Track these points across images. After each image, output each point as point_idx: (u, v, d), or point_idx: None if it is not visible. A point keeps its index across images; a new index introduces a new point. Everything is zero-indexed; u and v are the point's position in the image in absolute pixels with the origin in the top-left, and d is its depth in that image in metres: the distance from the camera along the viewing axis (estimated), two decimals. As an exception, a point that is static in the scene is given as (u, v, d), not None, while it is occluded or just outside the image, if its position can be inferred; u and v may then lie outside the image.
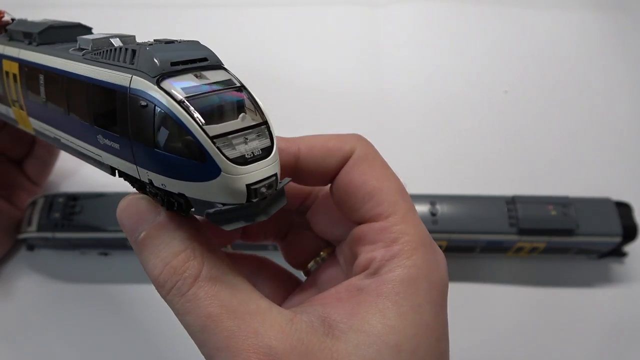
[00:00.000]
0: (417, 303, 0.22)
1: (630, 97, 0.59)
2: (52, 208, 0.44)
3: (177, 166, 0.21)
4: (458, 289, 0.46)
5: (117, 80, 0.22)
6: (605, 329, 0.44)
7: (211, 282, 0.22)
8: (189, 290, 0.21)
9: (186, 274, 0.22)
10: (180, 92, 0.20)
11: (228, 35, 0.64)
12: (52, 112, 0.28)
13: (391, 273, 0.23)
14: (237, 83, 0.22)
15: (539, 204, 0.43)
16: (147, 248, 0.23)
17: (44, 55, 0.28)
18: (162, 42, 0.22)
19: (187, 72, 0.21)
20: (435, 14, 0.66)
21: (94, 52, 0.24)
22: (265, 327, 0.21)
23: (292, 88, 0.59)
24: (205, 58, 0.22)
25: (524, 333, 0.44)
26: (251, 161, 0.21)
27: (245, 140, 0.21)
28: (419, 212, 0.43)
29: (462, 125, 0.56)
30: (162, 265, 0.22)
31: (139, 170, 0.23)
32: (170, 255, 0.22)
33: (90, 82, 0.24)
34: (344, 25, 0.65)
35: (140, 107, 0.20)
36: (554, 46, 0.63)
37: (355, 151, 0.26)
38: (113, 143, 0.23)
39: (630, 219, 0.44)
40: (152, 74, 0.20)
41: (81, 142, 0.27)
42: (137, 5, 0.67)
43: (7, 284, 0.46)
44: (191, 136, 0.20)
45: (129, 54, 0.22)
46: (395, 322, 0.21)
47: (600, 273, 0.46)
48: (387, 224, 0.24)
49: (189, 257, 0.22)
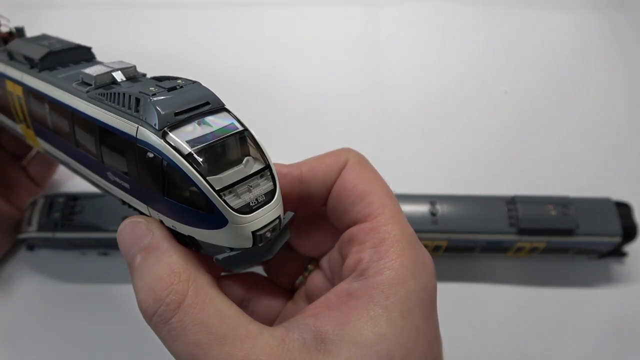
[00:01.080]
0: (406, 307, 0.22)
1: (629, 97, 0.59)
2: (52, 208, 0.44)
3: (186, 214, 0.21)
4: (458, 289, 0.46)
5: (124, 128, 0.22)
6: (605, 329, 0.43)
7: (198, 308, 0.21)
8: (172, 317, 0.21)
9: (168, 299, 0.21)
10: (185, 146, 0.21)
11: (223, 36, 0.64)
12: (61, 141, 0.29)
13: (379, 276, 0.23)
14: (240, 126, 0.23)
15: (539, 204, 0.43)
16: (135, 272, 0.23)
17: (48, 85, 0.28)
18: (164, 88, 0.23)
19: (191, 121, 0.22)
20: (434, 14, 0.66)
21: (98, 88, 0.25)
22: (256, 352, 0.20)
23: (290, 89, 0.59)
24: (207, 102, 0.23)
25: (524, 333, 0.44)
26: (256, 208, 0.22)
27: (249, 189, 0.22)
28: (419, 212, 0.43)
29: (462, 125, 0.56)
30: (145, 290, 0.22)
31: (150, 210, 0.24)
32: (153, 280, 0.22)
33: (98, 124, 0.24)
34: (343, 25, 0.65)
35: (147, 157, 0.21)
36: (554, 46, 0.63)
37: (349, 161, 0.27)
38: (123, 182, 0.24)
39: (630, 219, 0.43)
40: (158, 127, 0.21)
41: (91, 172, 0.27)
42: (134, 5, 0.67)
43: (7, 284, 0.46)
44: (198, 189, 0.20)
45: (133, 102, 0.22)
46: (386, 331, 0.21)
47: (600, 273, 0.46)
48: (376, 224, 0.25)
49: (172, 282, 0.21)
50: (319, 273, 0.29)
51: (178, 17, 0.67)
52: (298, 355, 0.21)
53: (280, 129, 0.55)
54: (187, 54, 0.62)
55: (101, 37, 0.64)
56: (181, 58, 0.61)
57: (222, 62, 0.61)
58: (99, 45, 0.33)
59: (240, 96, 0.60)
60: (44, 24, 0.64)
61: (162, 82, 0.23)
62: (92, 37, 0.63)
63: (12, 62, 0.32)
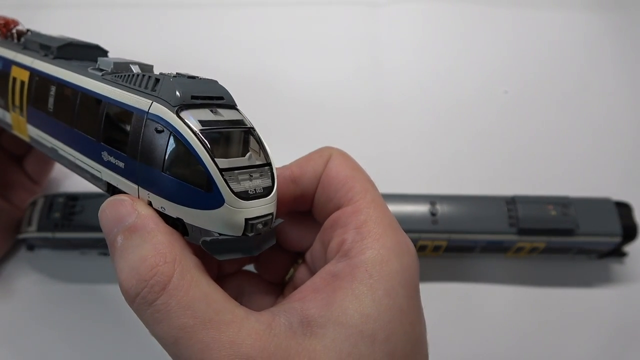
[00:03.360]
0: (390, 286, 0.22)
1: (629, 97, 0.58)
2: (52, 208, 0.44)
3: (182, 192, 0.22)
4: (458, 289, 0.46)
5: (137, 104, 0.23)
6: (605, 329, 0.44)
7: (184, 291, 0.20)
8: (156, 299, 0.20)
9: (153, 281, 0.20)
10: (197, 124, 0.21)
11: (222, 36, 0.64)
12: (56, 124, 0.29)
13: (362, 255, 0.23)
14: (248, 124, 0.24)
15: (539, 204, 0.43)
16: (117, 251, 0.22)
17: (60, 69, 0.29)
18: (184, 76, 0.24)
19: (205, 107, 0.22)
20: (434, 13, 0.66)
21: (114, 74, 0.25)
22: (242, 336, 0.20)
23: (289, 89, 0.59)
24: (222, 97, 0.23)
25: (524, 333, 0.44)
26: (253, 197, 0.22)
27: (250, 178, 0.22)
28: (419, 212, 0.43)
29: (462, 125, 0.56)
30: (127, 270, 0.21)
31: (140, 191, 0.23)
32: (137, 260, 0.21)
33: (107, 101, 0.25)
34: (343, 25, 0.65)
35: (155, 131, 0.22)
36: (554, 46, 0.63)
37: (332, 155, 0.28)
38: (118, 161, 0.24)
39: (630, 219, 0.44)
40: (173, 103, 0.22)
41: (81, 156, 0.27)
42: (133, 5, 0.67)
43: (7, 284, 0.46)
44: (202, 166, 0.21)
45: (152, 82, 0.23)
46: (370, 310, 0.22)
47: (600, 273, 0.46)
48: (358, 207, 0.25)
49: (158, 263, 0.21)
50: (305, 268, 0.30)
51: (178, 17, 0.67)
52: (284, 339, 0.21)
53: (279, 129, 0.55)
54: (187, 55, 0.62)
55: (101, 37, 0.64)
56: (181, 58, 0.61)
57: (221, 62, 0.61)
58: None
59: (240, 96, 0.60)
60: (44, 24, 0.64)
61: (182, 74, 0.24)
62: (92, 37, 0.63)
63: (25, 50, 0.34)
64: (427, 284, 0.46)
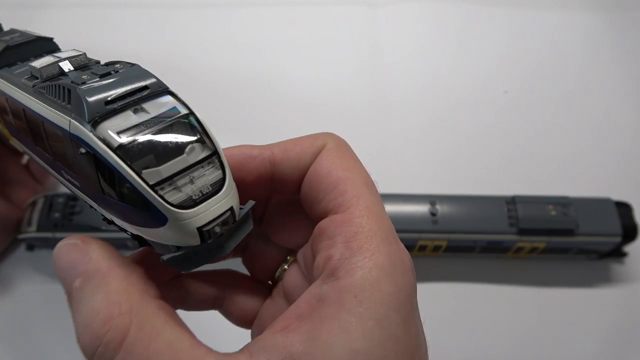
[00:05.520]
0: (383, 314, 0.20)
1: (630, 97, 0.59)
2: (52, 208, 0.44)
3: (126, 212, 0.20)
4: (458, 289, 0.46)
5: (60, 122, 0.21)
6: (605, 329, 0.43)
7: (143, 345, 0.18)
8: (113, 357, 0.18)
9: (107, 337, 0.18)
10: (116, 137, 0.19)
11: (222, 36, 0.64)
12: (24, 139, 0.27)
13: (350, 277, 0.20)
14: (184, 110, 0.21)
15: (539, 204, 0.43)
16: (73, 304, 0.20)
17: (4, 83, 0.26)
18: (97, 75, 0.21)
19: (125, 109, 0.20)
20: (434, 13, 0.66)
21: (45, 81, 0.23)
22: None
23: (289, 89, 0.59)
24: (145, 86, 0.21)
25: (524, 333, 0.44)
26: (200, 201, 0.20)
27: (192, 179, 0.20)
28: (419, 212, 0.43)
29: (462, 125, 0.56)
30: (82, 326, 0.19)
31: (100, 210, 0.22)
32: (90, 314, 0.19)
33: (41, 119, 0.22)
34: (342, 25, 0.65)
35: (80, 154, 0.19)
36: (554, 46, 0.63)
37: (326, 145, 0.24)
38: (73, 180, 0.23)
39: (630, 219, 0.43)
40: (87, 118, 0.19)
41: (54, 172, 0.26)
42: (130, 5, 0.67)
43: (7, 284, 0.46)
44: (130, 185, 0.19)
45: (66, 94, 0.20)
46: (361, 345, 0.19)
47: (600, 273, 0.46)
48: (349, 216, 0.22)
49: (112, 315, 0.18)
50: (296, 268, 0.27)
51: (178, 17, 0.67)
52: None
53: (279, 129, 0.55)
54: (187, 55, 0.62)
55: (102, 37, 0.64)
56: (181, 58, 0.61)
57: (221, 63, 0.61)
58: (99, 45, 0.33)
59: (240, 97, 0.60)
60: (44, 24, 0.64)
61: (99, 69, 0.22)
62: (93, 37, 0.63)
63: None
64: (427, 284, 0.46)
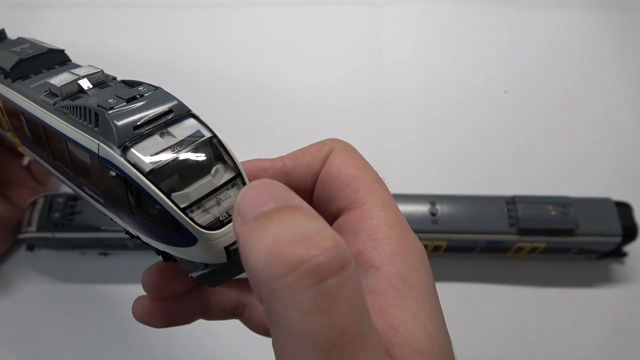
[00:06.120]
0: (432, 299, 0.20)
1: (629, 97, 0.58)
2: (52, 208, 0.44)
3: (156, 232, 0.21)
4: (458, 289, 0.46)
5: (88, 145, 0.21)
6: (605, 329, 0.43)
7: (358, 285, 0.16)
8: (330, 277, 0.15)
9: (333, 252, 0.16)
10: (146, 163, 0.20)
11: (219, 37, 0.64)
12: (40, 151, 0.28)
13: (392, 265, 0.20)
14: (207, 133, 0.21)
15: (539, 204, 0.43)
16: (271, 220, 0.17)
17: (20, 97, 0.27)
18: (123, 99, 0.21)
19: (153, 134, 0.21)
20: (434, 13, 0.66)
21: (65, 99, 0.24)
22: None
23: (289, 89, 0.59)
24: (170, 110, 0.21)
25: (524, 333, 0.44)
26: (227, 222, 0.20)
27: (218, 202, 0.21)
28: (419, 212, 0.43)
29: (462, 125, 0.56)
30: (290, 235, 0.16)
31: (124, 225, 0.23)
32: (310, 229, 0.17)
33: (65, 138, 0.23)
34: (342, 26, 0.65)
35: (111, 176, 0.20)
36: (554, 46, 0.63)
37: (334, 149, 0.25)
38: (97, 197, 0.23)
39: (630, 219, 0.43)
40: (117, 143, 0.20)
41: (73, 186, 0.26)
42: (130, 5, 0.67)
43: (7, 284, 0.46)
44: (162, 208, 0.19)
45: (93, 117, 0.21)
46: (431, 330, 0.19)
47: (600, 273, 0.46)
48: (366, 211, 0.22)
49: (337, 242, 0.16)
50: None
51: (179, 17, 0.67)
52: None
53: (279, 129, 0.55)
54: (187, 55, 0.62)
55: (102, 37, 0.64)
56: (182, 59, 0.61)
57: (221, 63, 0.61)
58: (99, 45, 0.33)
59: (239, 96, 0.60)
60: (44, 24, 0.64)
61: (123, 91, 0.22)
62: (93, 37, 0.63)
63: None
64: (427, 284, 0.46)
